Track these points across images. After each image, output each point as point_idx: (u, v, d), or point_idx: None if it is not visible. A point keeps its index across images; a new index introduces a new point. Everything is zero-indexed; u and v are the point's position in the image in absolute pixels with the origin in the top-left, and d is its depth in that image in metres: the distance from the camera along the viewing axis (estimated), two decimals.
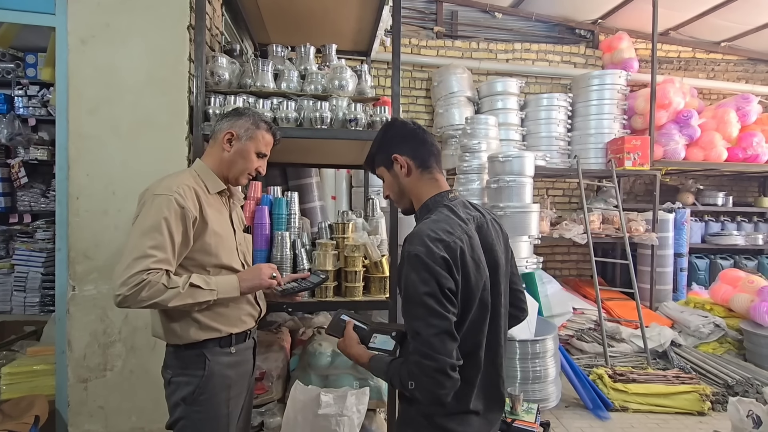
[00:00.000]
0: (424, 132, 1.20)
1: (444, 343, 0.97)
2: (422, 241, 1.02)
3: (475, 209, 1.19)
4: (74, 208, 1.99)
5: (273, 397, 2.27)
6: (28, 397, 1.93)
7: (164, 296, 1.21)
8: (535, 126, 4.82)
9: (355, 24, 3.03)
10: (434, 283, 0.99)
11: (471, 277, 1.05)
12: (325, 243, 2.19)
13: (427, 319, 0.98)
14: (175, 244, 1.27)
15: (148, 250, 1.21)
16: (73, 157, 1.98)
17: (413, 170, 1.17)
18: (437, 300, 0.98)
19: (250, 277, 1.40)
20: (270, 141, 1.52)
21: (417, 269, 1.00)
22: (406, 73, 5.04)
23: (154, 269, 1.21)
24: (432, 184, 1.18)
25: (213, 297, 1.31)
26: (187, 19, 2.03)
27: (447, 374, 0.97)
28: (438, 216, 1.10)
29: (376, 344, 1.19)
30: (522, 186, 3.66)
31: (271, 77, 2.25)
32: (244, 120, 1.46)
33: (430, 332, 0.97)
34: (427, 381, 0.98)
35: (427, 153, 1.18)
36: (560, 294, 4.44)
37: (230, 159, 1.45)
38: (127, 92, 1.98)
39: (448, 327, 0.99)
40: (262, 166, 1.52)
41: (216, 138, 1.46)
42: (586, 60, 5.44)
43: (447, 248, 1.01)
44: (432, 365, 0.96)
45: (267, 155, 1.53)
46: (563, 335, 4.15)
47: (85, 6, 1.95)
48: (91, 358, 2.04)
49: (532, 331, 3.16)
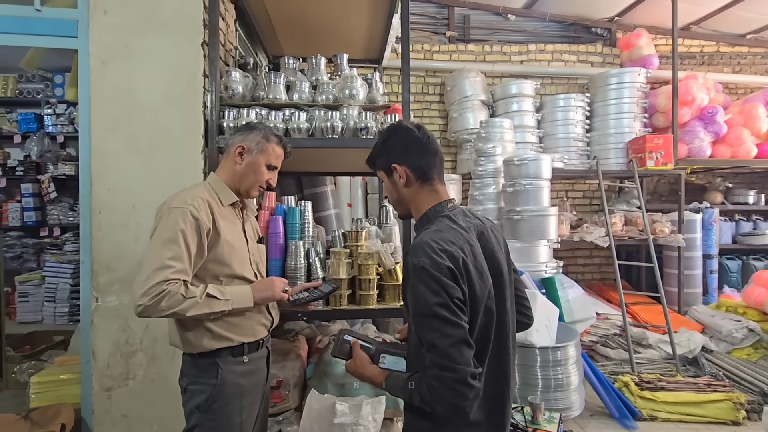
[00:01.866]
0: (429, 140, 1.17)
1: (462, 353, 0.96)
2: (426, 253, 1.01)
3: (476, 217, 1.18)
4: (97, 222, 2.07)
5: (290, 405, 2.28)
6: (55, 406, 2.00)
7: (182, 306, 1.26)
8: (552, 127, 4.74)
9: (365, 33, 3.06)
10: (444, 294, 0.98)
11: (476, 285, 1.03)
12: (338, 251, 2.20)
13: (442, 329, 0.97)
14: (191, 254, 1.31)
15: (166, 261, 1.26)
16: (95, 173, 2.05)
17: (413, 182, 1.15)
18: (450, 309, 0.97)
19: (262, 288, 1.42)
20: (280, 154, 1.55)
21: (425, 281, 0.99)
22: (419, 79, 5.05)
23: (172, 280, 1.26)
24: (432, 195, 1.16)
25: (228, 307, 1.34)
26: (201, 37, 2.09)
27: (469, 384, 0.95)
28: (439, 226, 1.09)
29: (386, 365, 1.17)
30: (539, 189, 3.60)
31: (283, 89, 2.29)
32: (255, 134, 1.49)
33: (446, 343, 0.96)
34: (449, 393, 0.96)
35: (428, 165, 1.15)
36: (582, 299, 4.32)
37: (242, 172, 1.48)
38: (145, 109, 2.05)
39: (464, 335, 0.97)
40: (273, 179, 1.55)
41: (228, 152, 1.50)
42: (603, 59, 5.32)
43: (451, 258, 1.00)
44: (453, 376, 0.95)
45: (278, 167, 1.56)
46: (587, 341, 4.04)
47: (105, 29, 2.03)
48: (114, 367, 2.10)
49: (553, 338, 3.08)
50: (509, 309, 1.15)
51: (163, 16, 2.05)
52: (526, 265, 3.56)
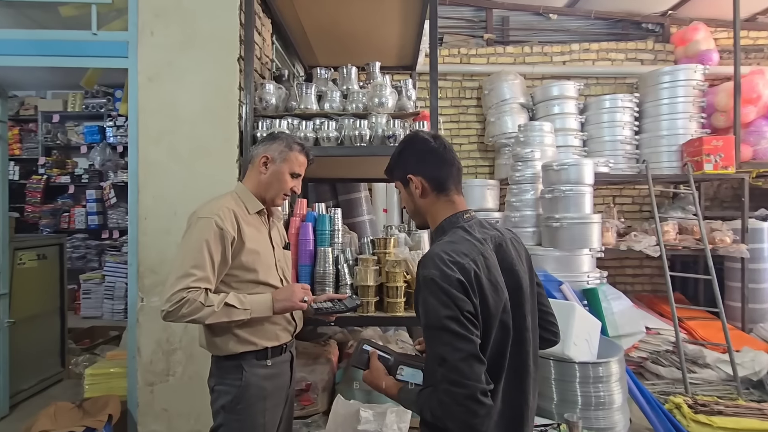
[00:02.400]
0: (445, 150, 1.15)
1: (472, 368, 0.93)
2: (436, 265, 0.99)
3: (494, 229, 1.14)
4: (143, 228, 2.22)
5: (318, 409, 2.32)
6: (105, 397, 2.17)
7: (201, 314, 1.32)
8: (597, 130, 4.51)
9: (397, 40, 3.08)
10: (454, 307, 0.95)
11: (489, 299, 1.00)
12: (366, 258, 2.22)
13: (452, 343, 0.94)
14: (214, 263, 1.37)
15: (189, 269, 1.32)
16: (142, 182, 2.21)
17: (429, 192, 1.14)
18: (460, 323, 0.95)
19: (282, 298, 1.45)
20: (303, 161, 1.57)
21: (435, 293, 0.97)
22: (456, 83, 4.99)
23: (193, 287, 1.31)
24: (448, 206, 1.14)
25: (247, 316, 1.38)
26: (237, 52, 2.20)
27: (479, 401, 0.92)
28: (452, 237, 1.07)
29: (404, 376, 1.16)
30: (580, 195, 3.43)
31: (314, 99, 2.35)
32: (278, 143, 1.53)
33: (456, 357, 0.93)
34: (459, 410, 0.93)
35: (445, 175, 1.14)
36: (630, 311, 4.05)
37: (267, 181, 1.53)
38: (185, 122, 2.19)
39: (474, 350, 0.94)
40: (297, 186, 1.58)
41: (253, 162, 1.55)
42: (655, 56, 5.00)
43: (462, 270, 0.98)
44: (462, 392, 0.92)
45: (301, 175, 1.58)
46: (635, 357, 3.78)
47: (151, 48, 2.19)
48: (156, 363, 2.24)
49: (594, 353, 2.92)
50: (530, 325, 1.10)
51: (203, 35, 2.18)
52: (566, 275, 3.39)
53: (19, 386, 2.83)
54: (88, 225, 4.98)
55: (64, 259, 3.33)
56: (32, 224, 5.04)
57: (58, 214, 5.09)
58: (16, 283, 2.80)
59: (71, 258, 4.88)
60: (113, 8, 2.31)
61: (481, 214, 4.39)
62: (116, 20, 2.30)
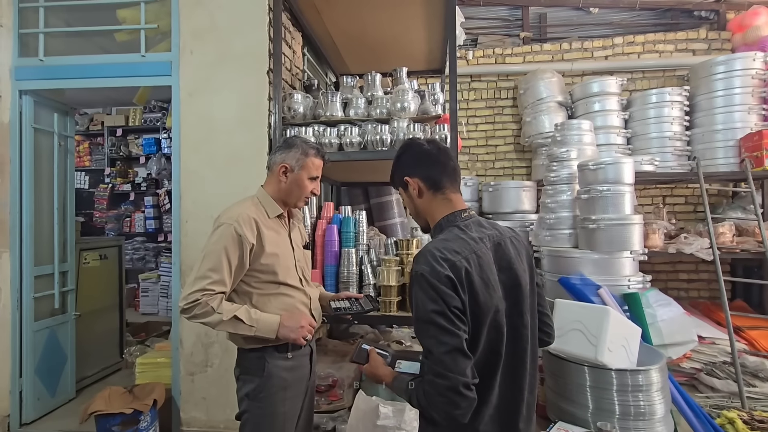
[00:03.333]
0: (440, 152, 1.19)
1: (456, 361, 0.96)
2: (427, 261, 1.03)
3: (493, 228, 1.16)
4: (184, 230, 2.43)
5: (344, 404, 2.40)
6: (151, 384, 2.38)
7: (210, 318, 1.41)
8: (642, 127, 4.26)
9: (425, 45, 3.12)
10: (441, 302, 0.99)
11: (479, 296, 1.02)
12: (389, 259, 2.27)
13: (437, 336, 0.98)
14: (231, 267, 1.45)
15: (207, 272, 1.42)
16: (183, 188, 2.42)
17: (425, 192, 1.18)
18: (446, 317, 0.98)
19: (289, 326, 1.49)
20: (319, 164, 1.62)
21: (423, 288, 1.01)
22: (491, 84, 4.93)
23: (208, 291, 1.40)
24: (445, 204, 1.17)
25: (251, 333, 1.46)
26: (267, 65, 2.35)
27: (460, 393, 0.95)
28: (447, 235, 1.10)
29: (402, 369, 1.21)
30: (619, 195, 3.27)
31: (339, 106, 2.45)
32: (294, 151, 1.60)
33: (441, 350, 0.97)
34: (441, 401, 0.97)
35: (438, 174, 1.17)
36: (680, 319, 3.78)
37: (287, 188, 1.61)
38: (220, 132, 2.37)
39: (459, 344, 0.97)
40: (316, 188, 1.63)
41: (272, 170, 1.63)
42: (708, 45, 4.64)
43: (453, 267, 1.01)
44: (445, 384, 0.96)
45: (319, 177, 1.64)
46: (687, 368, 3.53)
47: (191, 66, 2.40)
48: (196, 355, 2.43)
49: (633, 360, 2.77)
50: (528, 322, 1.11)
51: (236, 51, 2.35)
52: (605, 279, 3.24)
53: (84, 373, 3.16)
54: (146, 229, 5.44)
55: (122, 259, 3.67)
56: (100, 228, 5.59)
57: (122, 218, 5.60)
58: (81, 281, 3.14)
59: (132, 259, 5.35)
60: (158, 32, 2.55)
61: (516, 216, 4.29)
62: (161, 42, 2.54)
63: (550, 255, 3.55)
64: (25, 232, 2.65)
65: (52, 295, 2.82)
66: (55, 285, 2.84)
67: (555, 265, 3.50)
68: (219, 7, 2.40)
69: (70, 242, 3.01)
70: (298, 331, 1.49)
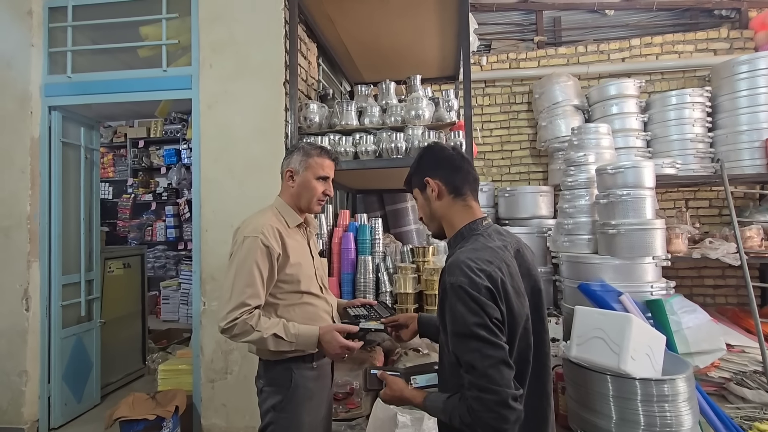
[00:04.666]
0: (462, 159, 1.19)
1: (502, 374, 0.93)
2: (464, 272, 0.99)
3: (510, 235, 1.15)
4: (205, 239, 2.48)
5: (362, 412, 2.39)
6: (173, 391, 2.42)
7: (251, 337, 1.40)
8: (662, 129, 4.17)
9: (438, 52, 3.14)
10: (483, 314, 0.96)
11: (514, 305, 1.01)
12: (404, 266, 2.28)
13: (481, 350, 0.95)
14: (264, 279, 1.45)
15: (242, 288, 1.41)
16: (203, 198, 2.47)
17: (444, 195, 1.16)
18: (489, 330, 0.95)
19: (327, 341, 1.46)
20: (325, 163, 1.59)
21: (464, 300, 0.98)
22: (505, 89, 4.91)
23: (246, 308, 1.40)
24: (465, 211, 1.16)
25: (291, 348, 1.46)
26: (283, 76, 2.40)
27: (510, 406, 0.92)
28: (475, 245, 1.08)
29: (419, 383, 1.18)
30: (640, 199, 3.20)
31: (354, 115, 2.48)
32: (296, 154, 1.60)
33: (486, 364, 0.94)
34: (490, 416, 0.92)
35: (460, 180, 1.16)
36: (707, 326, 3.66)
37: (297, 192, 1.60)
38: (239, 142, 2.42)
39: (504, 356, 0.95)
40: (328, 188, 1.60)
41: (282, 177, 1.65)
42: (730, 44, 4.53)
43: (489, 278, 0.98)
44: (493, 399, 0.92)
45: (329, 176, 1.60)
46: (716, 378, 3.40)
47: (211, 79, 2.47)
48: (216, 362, 2.47)
49: (658, 369, 2.69)
50: (547, 327, 1.11)
51: (253, 64, 2.41)
52: (626, 285, 3.17)
53: (108, 379, 3.24)
54: (167, 237, 5.57)
55: (144, 267, 3.77)
56: (122, 237, 5.75)
57: (144, 227, 5.75)
58: (106, 289, 3.24)
59: (153, 267, 5.48)
60: (179, 47, 2.63)
61: (533, 221, 4.25)
62: (182, 57, 2.62)
63: (569, 261, 3.50)
64: (54, 242, 2.74)
65: (78, 302, 2.91)
66: (81, 293, 2.93)
67: (574, 271, 3.44)
68: (237, 22, 2.47)
69: (96, 251, 3.11)
70: (333, 351, 1.45)
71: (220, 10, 2.49)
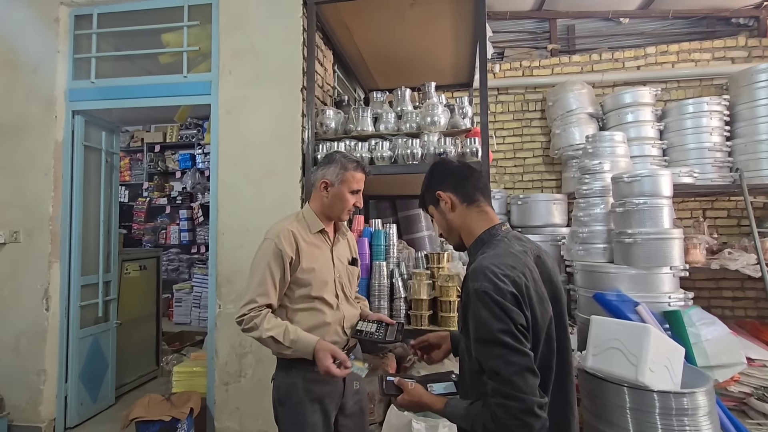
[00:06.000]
0: (469, 169, 1.21)
1: (527, 381, 0.92)
2: (488, 278, 0.98)
3: (529, 241, 1.15)
4: (221, 242, 2.51)
5: (375, 419, 2.38)
6: (188, 393, 2.44)
7: (254, 334, 1.49)
8: (679, 138, 4.12)
9: (452, 60, 3.16)
10: (508, 320, 0.95)
11: (537, 311, 1.00)
12: (419, 272, 2.27)
13: (506, 357, 0.94)
14: (275, 281, 1.53)
15: (254, 287, 1.51)
16: (220, 202, 2.51)
17: (457, 205, 1.18)
18: (514, 336, 0.94)
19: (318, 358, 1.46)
20: (360, 177, 1.64)
21: (488, 306, 0.97)
22: (518, 97, 4.90)
23: (256, 306, 1.49)
24: (482, 217, 1.16)
25: (288, 352, 1.50)
26: (300, 83, 2.43)
27: (535, 414, 0.91)
28: (497, 250, 1.07)
29: (436, 391, 1.17)
30: (657, 209, 3.16)
31: (370, 121, 2.50)
32: (334, 166, 1.63)
33: (510, 370, 0.93)
34: (515, 424, 0.91)
35: (471, 187, 1.17)
36: (726, 339, 3.57)
37: (329, 203, 1.64)
38: (256, 147, 2.45)
39: (529, 363, 0.94)
40: (359, 201, 1.65)
41: (315, 186, 1.68)
42: (748, 52, 4.47)
43: (514, 283, 0.98)
44: (518, 406, 0.91)
45: (361, 189, 1.65)
46: (736, 392, 3.32)
47: (229, 86, 2.51)
48: (231, 365, 2.48)
49: (677, 382, 2.64)
50: (569, 336, 1.10)
51: (271, 70, 2.45)
52: (643, 296, 3.12)
53: (123, 380, 3.28)
54: (180, 241, 5.64)
55: (160, 270, 3.81)
56: (137, 240, 5.83)
57: (158, 231, 5.83)
58: (123, 290, 3.29)
59: (167, 270, 5.55)
60: (199, 54, 2.69)
61: (547, 229, 4.21)
62: (202, 63, 2.67)
63: (583, 270, 3.45)
64: (74, 243, 2.80)
65: (96, 303, 2.96)
66: (99, 294, 2.98)
67: (589, 280, 3.40)
68: (256, 30, 2.52)
69: (114, 253, 3.16)
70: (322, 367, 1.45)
71: (241, 18, 2.54)
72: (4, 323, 2.71)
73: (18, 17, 2.80)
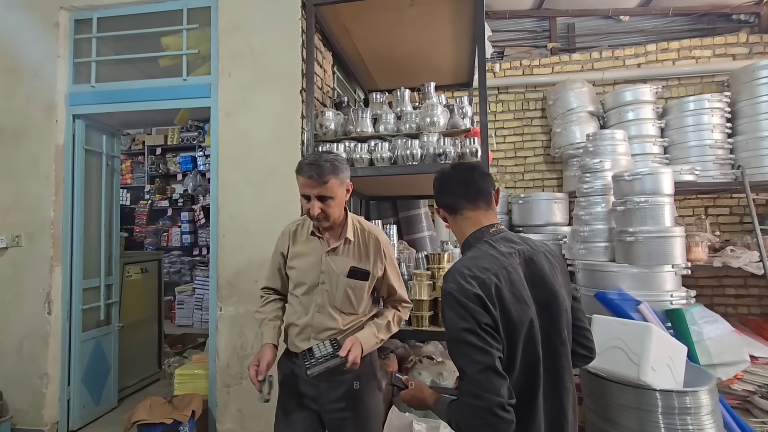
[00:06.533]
0: (451, 176, 1.23)
1: (490, 380, 0.94)
2: (455, 279, 1.03)
3: (524, 243, 1.15)
4: (221, 245, 2.51)
5: None
6: (190, 395, 2.44)
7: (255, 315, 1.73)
8: (680, 135, 4.11)
9: (452, 60, 3.15)
10: (471, 320, 0.98)
11: (512, 312, 1.01)
12: (420, 273, 2.27)
13: (470, 355, 0.97)
14: (274, 269, 1.73)
15: (267, 271, 1.77)
16: (221, 204, 2.51)
17: (448, 216, 1.24)
18: (477, 336, 0.97)
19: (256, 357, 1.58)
20: (303, 182, 1.47)
21: (452, 306, 1.01)
22: (519, 96, 4.90)
23: (264, 288, 1.76)
24: (467, 223, 1.19)
25: None
26: (300, 85, 2.43)
27: (496, 414, 0.92)
28: (476, 252, 1.11)
29: None
30: (658, 207, 3.15)
31: (369, 122, 2.50)
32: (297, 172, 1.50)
33: (474, 369, 0.96)
34: (478, 422, 0.94)
35: (453, 198, 1.20)
36: (729, 337, 3.56)
37: None
38: (256, 150, 2.45)
39: (492, 363, 0.95)
40: (312, 207, 1.47)
41: None
42: (749, 49, 4.45)
43: (481, 285, 1.01)
44: (480, 405, 0.93)
45: (310, 195, 1.47)
46: (740, 390, 3.31)
47: (229, 88, 2.51)
48: (232, 367, 2.48)
49: (679, 381, 2.63)
50: (565, 339, 1.09)
51: (271, 72, 2.45)
52: (645, 294, 3.11)
53: (125, 383, 3.28)
54: (182, 243, 5.65)
55: (161, 272, 3.82)
56: (139, 242, 5.84)
57: (160, 233, 5.84)
58: (124, 293, 3.29)
59: (169, 272, 5.55)
60: (199, 56, 2.69)
61: (548, 228, 4.20)
62: (201, 66, 2.68)
63: (585, 269, 3.45)
64: (76, 246, 2.81)
65: (98, 306, 2.96)
66: (101, 297, 2.98)
67: (590, 279, 3.39)
68: (255, 32, 2.52)
69: (116, 256, 3.16)
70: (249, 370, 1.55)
71: (240, 20, 2.55)
72: (7, 327, 2.72)
73: (18, 22, 2.81)
